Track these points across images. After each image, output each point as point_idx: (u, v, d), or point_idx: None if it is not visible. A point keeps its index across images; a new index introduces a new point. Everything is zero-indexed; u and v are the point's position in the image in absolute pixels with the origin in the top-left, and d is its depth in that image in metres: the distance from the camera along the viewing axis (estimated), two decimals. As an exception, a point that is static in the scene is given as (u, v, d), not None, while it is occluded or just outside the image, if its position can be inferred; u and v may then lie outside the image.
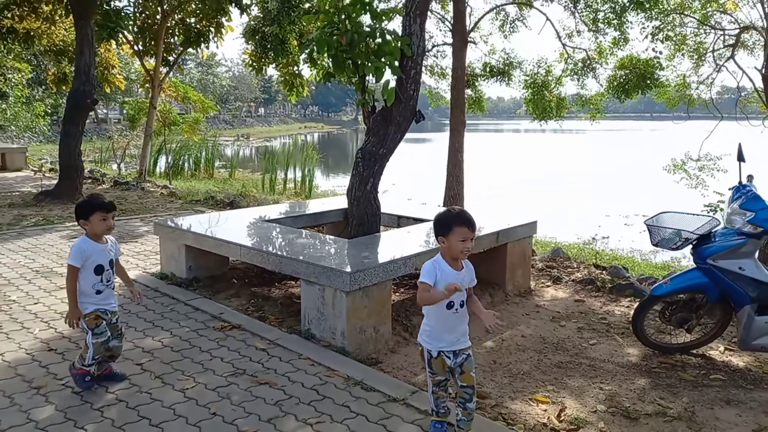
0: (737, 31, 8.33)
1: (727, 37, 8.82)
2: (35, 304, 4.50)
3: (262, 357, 3.61)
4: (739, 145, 3.66)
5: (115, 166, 18.45)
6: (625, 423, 2.98)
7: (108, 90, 15.45)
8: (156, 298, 4.68)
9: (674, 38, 9.19)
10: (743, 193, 3.47)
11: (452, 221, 2.55)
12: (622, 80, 9.25)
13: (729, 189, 3.69)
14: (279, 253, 4.19)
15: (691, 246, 3.63)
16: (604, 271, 5.98)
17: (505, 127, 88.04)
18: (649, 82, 8.97)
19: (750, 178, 3.65)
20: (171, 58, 14.68)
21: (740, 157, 3.63)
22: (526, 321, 4.53)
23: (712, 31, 8.81)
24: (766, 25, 7.31)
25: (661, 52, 9.11)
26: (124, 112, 45.77)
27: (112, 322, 3.17)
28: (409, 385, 3.29)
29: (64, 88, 16.53)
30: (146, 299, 4.63)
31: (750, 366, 3.69)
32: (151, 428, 2.77)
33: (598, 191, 17.71)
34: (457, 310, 2.56)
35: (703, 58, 9.34)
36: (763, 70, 7.19)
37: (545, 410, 3.10)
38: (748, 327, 3.38)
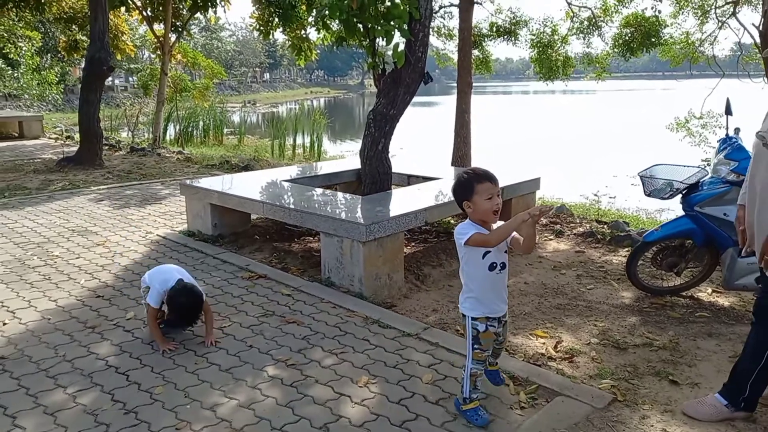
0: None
1: (729, -7, 8.88)
2: (77, 258, 4.90)
3: (288, 301, 3.99)
4: (727, 100, 3.90)
5: (124, 134, 18.75)
6: (615, 352, 3.34)
7: (119, 57, 15.59)
8: (186, 253, 5.06)
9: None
10: (729, 144, 3.74)
11: (473, 181, 2.41)
12: (627, 38, 9.33)
13: (717, 141, 3.95)
14: (300, 208, 4.53)
15: (680, 195, 3.92)
16: (605, 226, 6.28)
17: (514, 89, 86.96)
18: (653, 39, 9.06)
19: (737, 130, 3.90)
20: (179, 24, 14.79)
21: (728, 111, 3.88)
22: (529, 270, 4.87)
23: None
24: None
25: (660, 11, 9.15)
26: (131, 79, 45.83)
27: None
28: (421, 323, 3.67)
29: (75, 55, 16.74)
30: (177, 254, 5.02)
31: (734, 305, 4.03)
32: (197, 357, 3.17)
33: (606, 151, 17.83)
34: (499, 271, 2.47)
35: (707, 15, 9.39)
36: (761, 27, 7.30)
37: (544, 343, 3.47)
38: (732, 268, 3.70)
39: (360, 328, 3.56)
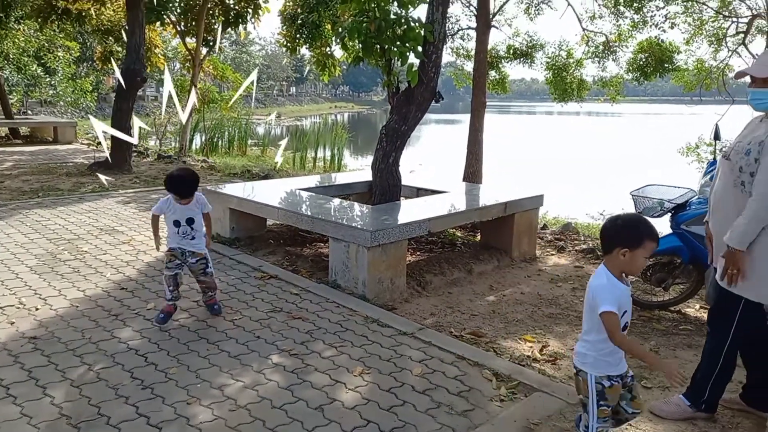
0: (749, 18, 8.55)
1: (740, 24, 9.05)
2: (104, 254, 5.27)
3: (296, 300, 4.28)
4: (716, 125, 4.12)
5: (152, 142, 19.42)
6: (597, 358, 3.55)
7: (149, 69, 16.28)
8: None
9: (692, 23, 9.44)
10: (715, 168, 3.94)
11: (645, 235, 2.16)
12: (641, 63, 9.56)
13: (706, 165, 4.16)
14: (311, 214, 4.84)
15: (669, 214, 4.13)
16: (608, 243, 6.47)
17: (538, 109, 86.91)
18: (667, 65, 9.27)
19: (722, 153, 4.11)
20: (210, 38, 15.41)
21: (716, 136, 4.09)
22: (527, 281, 5.10)
23: (727, 17, 9.02)
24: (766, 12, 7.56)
25: (665, 30, 9.38)
26: (161, 90, 47.15)
27: (192, 263, 3.81)
28: (418, 324, 3.92)
29: (109, 65, 17.49)
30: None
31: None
32: (209, 345, 3.47)
33: (623, 173, 17.89)
34: (626, 331, 2.28)
35: (722, 43, 9.56)
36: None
37: (531, 347, 3.70)
38: (714, 284, 3.88)
39: (360, 326, 3.83)
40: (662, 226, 4.92)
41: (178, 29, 14.68)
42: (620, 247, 2.17)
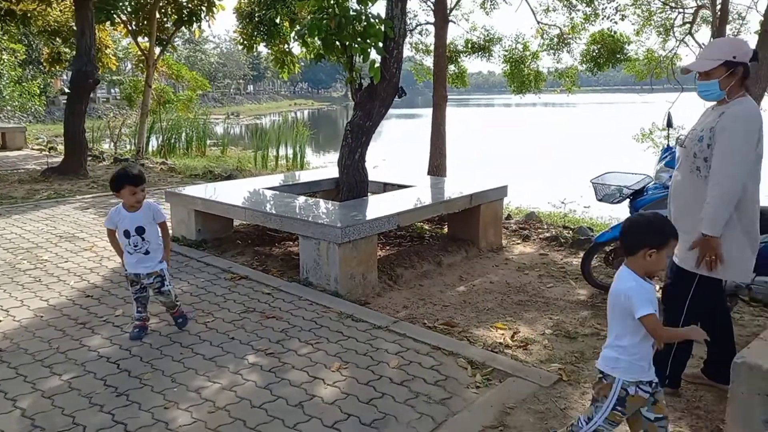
0: (694, 8, 8.94)
1: (686, 15, 9.43)
2: (66, 262, 5.13)
3: (268, 299, 4.27)
4: (668, 113, 4.30)
5: (106, 145, 18.85)
6: (566, 341, 3.68)
7: (101, 70, 15.80)
8: (171, 257, 5.30)
9: (641, 15, 9.80)
10: (669, 153, 4.13)
11: (670, 234, 2.15)
12: (594, 54, 9.86)
13: (660, 151, 4.35)
14: (280, 213, 4.82)
15: (628, 199, 4.30)
16: (570, 231, 6.66)
17: (496, 102, 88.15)
18: (619, 56, 9.58)
19: (677, 141, 4.29)
20: (164, 38, 15.05)
21: (669, 124, 4.28)
22: (495, 271, 5.21)
23: (674, 8, 9.41)
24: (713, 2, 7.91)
25: (616, 22, 9.72)
26: (113, 91, 45.74)
27: (146, 283, 3.53)
28: (392, 317, 3.97)
29: (58, 67, 16.90)
30: (162, 257, 5.27)
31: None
32: (183, 348, 3.44)
33: (583, 162, 18.34)
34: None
35: (670, 33, 9.94)
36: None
37: (502, 334, 3.80)
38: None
39: (334, 322, 3.86)
40: (622, 211, 5.11)
41: (129, 28, 14.29)
42: (647, 248, 2.13)
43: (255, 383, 3.05)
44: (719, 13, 7.65)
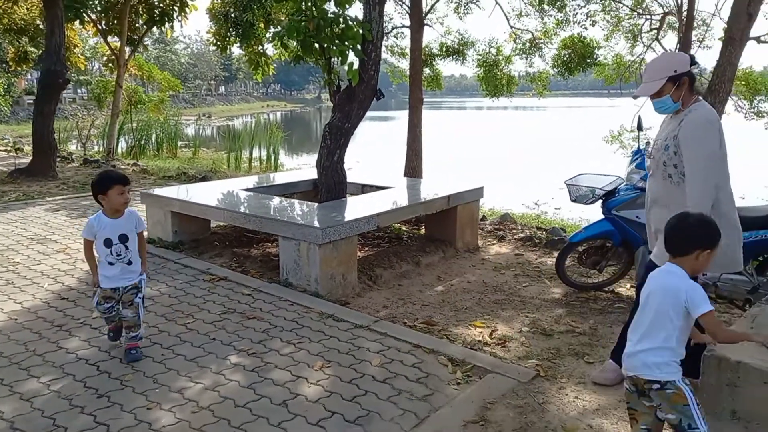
0: (661, 15, 9.25)
1: (653, 21, 9.75)
2: (38, 264, 5.03)
3: (248, 300, 4.27)
4: (639, 117, 4.46)
5: (73, 146, 18.43)
6: (542, 338, 3.77)
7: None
8: (148, 258, 5.24)
9: (610, 21, 10.09)
10: (640, 156, 4.28)
11: (719, 234, 2.19)
12: (565, 59, 10.10)
13: (630, 153, 4.50)
14: (260, 215, 4.82)
15: (601, 200, 4.43)
16: (543, 232, 6.81)
17: (468, 105, 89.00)
18: (589, 60, 9.84)
19: (647, 144, 4.46)
20: (135, 37, 14.82)
21: (639, 127, 4.43)
22: (472, 271, 5.30)
23: (641, 15, 9.72)
24: (679, 10, 8.21)
25: (586, 28, 10.04)
26: (80, 91, 44.66)
27: (122, 294, 3.27)
28: (372, 317, 4.02)
29: (24, 67, 16.47)
30: (139, 259, 5.21)
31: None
32: (164, 349, 3.42)
33: (553, 164, 18.69)
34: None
35: (638, 39, 10.26)
36: (677, 51, 8.13)
37: (481, 332, 3.88)
38: (643, 264, 4.20)
39: (316, 322, 3.88)
40: (593, 213, 5.26)
41: (99, 28, 14.04)
42: (701, 249, 2.14)
43: (238, 383, 3.06)
44: (685, 19, 7.93)
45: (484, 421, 2.74)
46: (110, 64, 15.76)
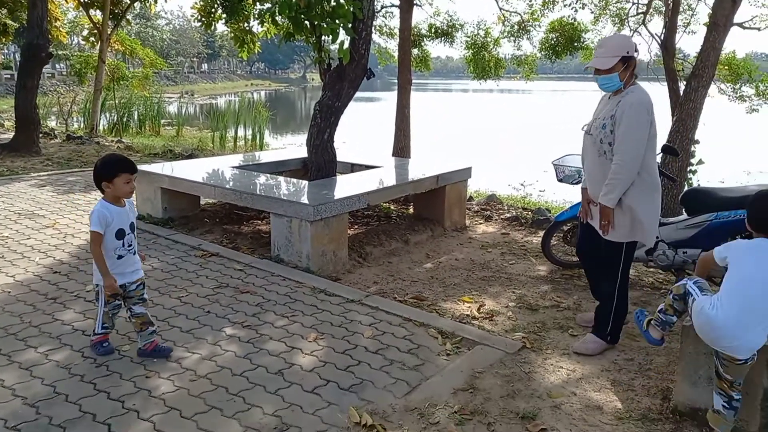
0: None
1: (640, 5, 9.84)
2: (28, 239, 5.02)
3: (241, 275, 4.33)
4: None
5: (53, 122, 18.09)
6: (528, 313, 3.90)
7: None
8: (138, 234, 5.26)
9: (597, 4, 10.15)
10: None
11: None
12: (553, 42, 10.16)
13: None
14: (251, 192, 4.86)
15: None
16: (529, 212, 6.94)
17: (454, 87, 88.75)
18: (576, 44, 9.92)
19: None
20: (117, 11, 14.53)
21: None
22: (460, 249, 5.41)
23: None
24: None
25: (576, 10, 10.12)
26: (58, 66, 43.58)
27: (131, 290, 3.02)
28: (363, 292, 4.11)
29: (3, 40, 16.05)
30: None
31: (631, 276, 4.70)
32: (159, 321, 3.46)
33: (539, 147, 18.84)
34: None
35: (624, 23, 10.34)
36: (662, 37, 8.22)
37: (469, 307, 3.99)
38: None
39: (308, 296, 3.96)
40: (576, 193, 5.38)
41: (81, 1, 13.73)
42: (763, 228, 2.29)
43: (234, 353, 3.14)
44: (671, 4, 8.03)
45: (473, 389, 2.85)
46: (91, 39, 15.44)
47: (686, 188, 5.97)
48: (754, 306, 2.22)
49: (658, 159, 4.84)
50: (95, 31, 14.36)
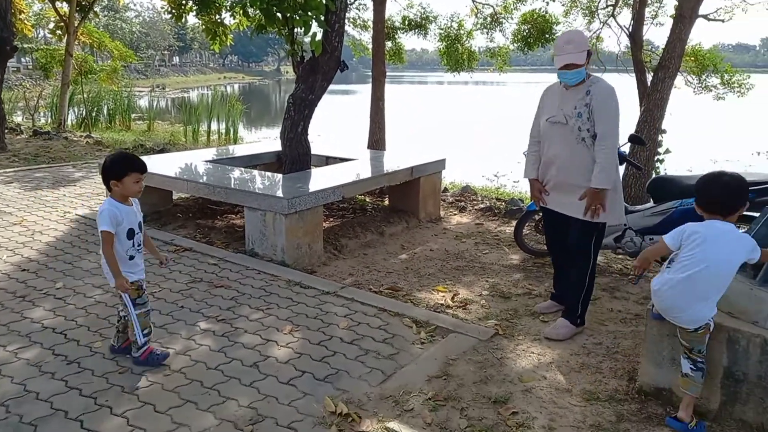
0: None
1: (609, -3, 10.00)
2: (-6, 237, 4.91)
3: (215, 269, 4.31)
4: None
5: (18, 118, 17.60)
6: (501, 300, 3.97)
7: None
8: (109, 230, 5.20)
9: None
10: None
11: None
12: (525, 34, 10.26)
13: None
14: (225, 186, 4.83)
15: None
16: (503, 202, 7.03)
17: (429, 79, 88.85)
18: (548, 36, 10.03)
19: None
20: (84, 3, 14.17)
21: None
22: (434, 240, 5.46)
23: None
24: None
25: (548, 3, 10.34)
26: (23, 60, 42.38)
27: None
28: (339, 284, 4.13)
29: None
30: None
31: (600, 262, 4.81)
32: (132, 317, 3.44)
33: (512, 139, 19.03)
34: None
35: (594, 15, 10.50)
36: (630, 29, 8.38)
37: (443, 296, 4.04)
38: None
39: (283, 289, 3.97)
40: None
41: (47, -8, 13.36)
42: (742, 208, 2.41)
43: (208, 347, 3.13)
44: (639, -4, 8.19)
45: (446, 376, 2.90)
46: (58, 32, 15.06)
47: (653, 176, 6.12)
48: (697, 285, 2.38)
49: (627, 148, 5.00)
50: (62, 23, 14.01)
